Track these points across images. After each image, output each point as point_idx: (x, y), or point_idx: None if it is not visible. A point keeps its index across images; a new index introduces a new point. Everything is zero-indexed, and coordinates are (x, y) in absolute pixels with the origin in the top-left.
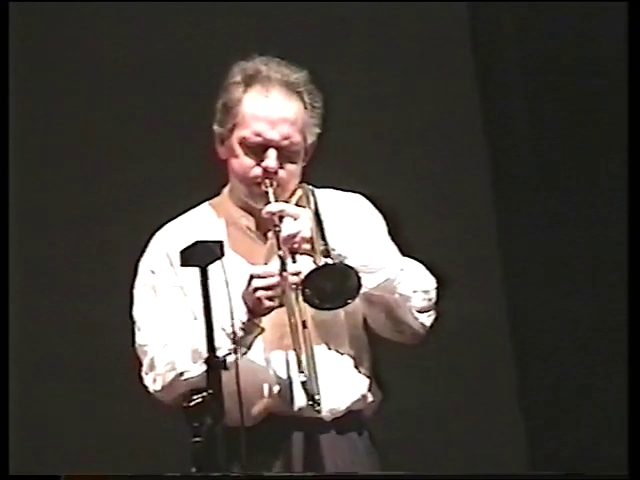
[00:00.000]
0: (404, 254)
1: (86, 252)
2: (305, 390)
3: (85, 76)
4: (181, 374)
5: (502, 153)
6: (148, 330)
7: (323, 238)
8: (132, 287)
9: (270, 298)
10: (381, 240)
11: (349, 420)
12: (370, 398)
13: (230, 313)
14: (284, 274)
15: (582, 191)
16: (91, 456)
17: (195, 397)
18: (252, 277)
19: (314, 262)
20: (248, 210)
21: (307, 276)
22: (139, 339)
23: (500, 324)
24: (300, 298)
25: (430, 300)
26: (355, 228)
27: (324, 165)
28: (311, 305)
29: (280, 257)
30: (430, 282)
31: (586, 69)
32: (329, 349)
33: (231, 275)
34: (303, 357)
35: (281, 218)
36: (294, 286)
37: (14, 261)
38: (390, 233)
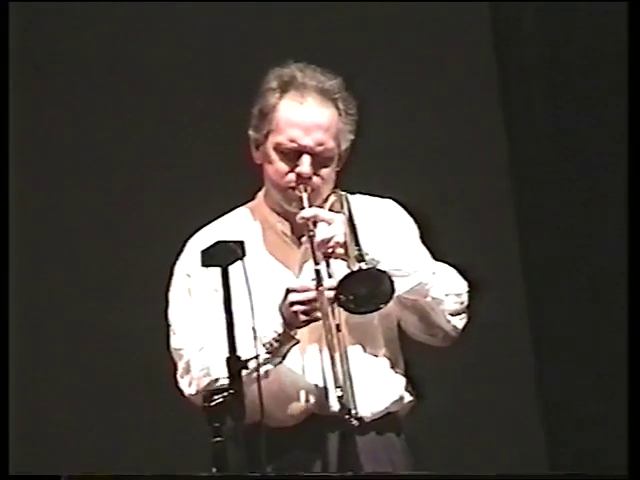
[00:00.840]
0: (435, 258)
1: (86, 252)
2: (341, 404)
3: (86, 76)
4: (216, 380)
5: (524, 155)
6: (184, 334)
7: (357, 243)
8: (167, 290)
9: (306, 312)
10: (413, 244)
11: (387, 421)
12: (407, 398)
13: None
14: (320, 289)
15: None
16: (91, 456)
17: (216, 397)
18: (288, 291)
19: (348, 267)
20: (283, 215)
21: (341, 281)
22: (175, 343)
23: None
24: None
25: (462, 303)
26: (388, 233)
27: (356, 170)
28: (346, 310)
29: (316, 271)
30: (462, 285)
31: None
32: (365, 351)
33: (267, 279)
34: (339, 368)
35: (315, 223)
36: (329, 300)
37: (14, 261)
38: (421, 237)
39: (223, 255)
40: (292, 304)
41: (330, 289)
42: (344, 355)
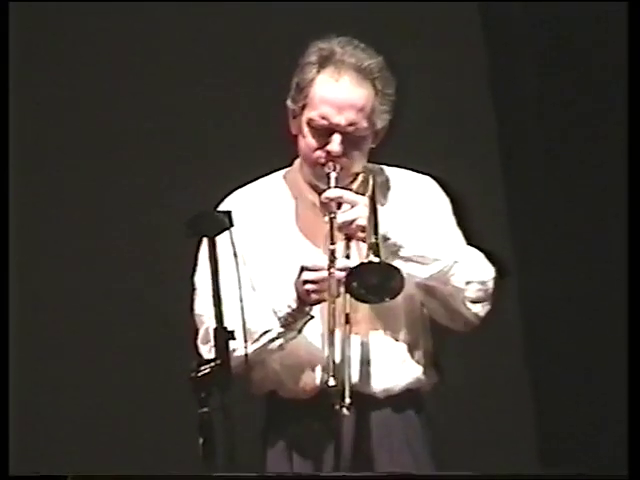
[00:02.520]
0: (468, 241)
1: (86, 252)
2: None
3: (86, 75)
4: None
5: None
6: (205, 299)
7: (375, 231)
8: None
9: (317, 292)
10: (443, 227)
11: (406, 398)
12: (425, 380)
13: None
14: (332, 270)
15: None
16: (92, 456)
17: (203, 368)
18: (302, 269)
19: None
20: (314, 187)
21: (352, 269)
22: (197, 308)
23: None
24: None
25: (486, 291)
26: (418, 213)
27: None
28: (353, 297)
29: (331, 251)
30: (487, 273)
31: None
32: (384, 331)
33: (292, 250)
34: (337, 357)
35: (339, 204)
36: (338, 283)
37: (14, 261)
38: (457, 218)
39: (210, 225)
40: (305, 282)
41: (340, 270)
42: (347, 340)
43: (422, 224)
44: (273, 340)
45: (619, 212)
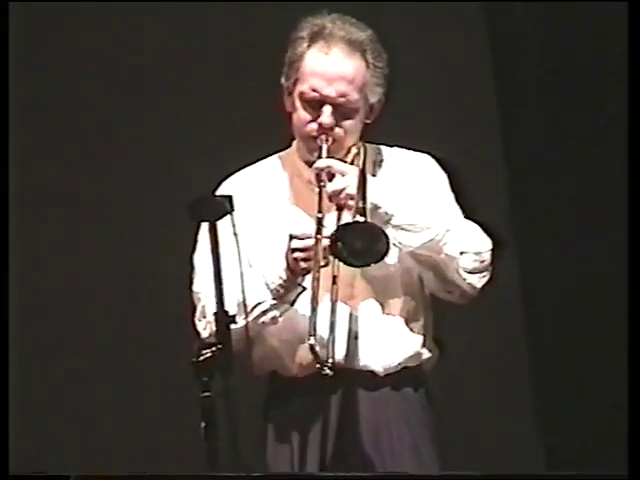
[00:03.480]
0: (466, 215)
1: (86, 253)
2: (314, 353)
3: (86, 75)
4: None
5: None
6: (203, 278)
7: (363, 196)
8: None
9: (306, 259)
10: (437, 200)
11: (404, 375)
12: (425, 355)
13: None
14: (318, 237)
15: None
16: (92, 456)
17: (204, 352)
18: (291, 238)
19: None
20: (310, 165)
21: (337, 229)
22: (195, 286)
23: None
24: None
25: (482, 262)
26: (411, 186)
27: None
28: (337, 258)
29: (318, 219)
30: (483, 244)
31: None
32: (381, 306)
33: (289, 226)
34: (323, 313)
35: (330, 175)
36: (325, 249)
37: (14, 261)
38: (455, 193)
39: (212, 210)
40: (293, 251)
41: (328, 237)
42: (334, 306)
43: (415, 195)
44: (265, 312)
45: (619, 188)
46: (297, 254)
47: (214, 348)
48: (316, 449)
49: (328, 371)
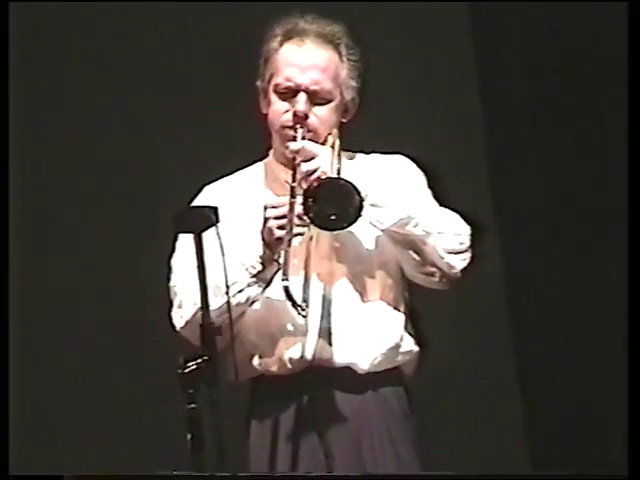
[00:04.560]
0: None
1: (87, 253)
2: (288, 295)
3: (86, 75)
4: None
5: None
6: (180, 272)
7: (338, 172)
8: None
9: (281, 227)
10: (413, 190)
11: (387, 375)
12: (404, 347)
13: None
14: (292, 200)
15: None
16: (91, 456)
17: (190, 364)
18: (265, 208)
19: None
20: (287, 164)
21: (309, 187)
22: (171, 281)
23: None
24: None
25: (462, 244)
26: (387, 174)
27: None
28: (311, 221)
29: (291, 187)
30: (462, 227)
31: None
32: (361, 299)
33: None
34: (298, 272)
35: (304, 159)
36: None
37: (14, 260)
38: (432, 191)
39: (196, 221)
40: (267, 219)
41: (300, 202)
42: (309, 270)
43: (391, 178)
44: (241, 291)
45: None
46: (272, 222)
47: (199, 360)
48: (298, 450)
49: (302, 312)
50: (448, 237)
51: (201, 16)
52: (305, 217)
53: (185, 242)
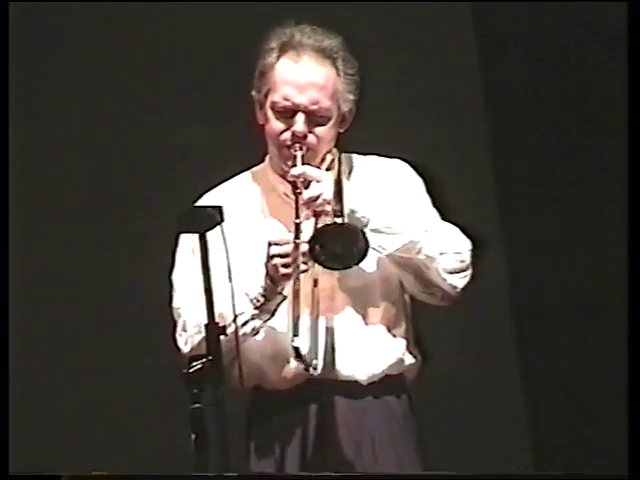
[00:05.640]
0: (443, 218)
1: (86, 254)
2: (298, 355)
3: (86, 75)
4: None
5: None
6: (183, 293)
7: (340, 200)
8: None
9: (286, 265)
10: (413, 204)
11: (387, 384)
12: (408, 362)
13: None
14: (297, 241)
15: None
16: (91, 456)
17: (195, 363)
18: (270, 244)
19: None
20: (285, 177)
21: (315, 232)
22: (174, 302)
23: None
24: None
25: (462, 262)
26: (387, 191)
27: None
28: (317, 262)
29: (296, 225)
30: (462, 244)
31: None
32: (362, 315)
33: (266, 240)
34: (305, 319)
35: (306, 182)
36: (304, 254)
37: (14, 260)
38: (432, 197)
39: (201, 221)
40: (272, 257)
41: (306, 242)
42: (315, 309)
43: (391, 199)
44: (246, 323)
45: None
46: (277, 260)
47: (204, 360)
48: (300, 460)
49: (314, 371)
50: (449, 258)
51: (201, 16)
52: (311, 260)
53: (185, 255)
